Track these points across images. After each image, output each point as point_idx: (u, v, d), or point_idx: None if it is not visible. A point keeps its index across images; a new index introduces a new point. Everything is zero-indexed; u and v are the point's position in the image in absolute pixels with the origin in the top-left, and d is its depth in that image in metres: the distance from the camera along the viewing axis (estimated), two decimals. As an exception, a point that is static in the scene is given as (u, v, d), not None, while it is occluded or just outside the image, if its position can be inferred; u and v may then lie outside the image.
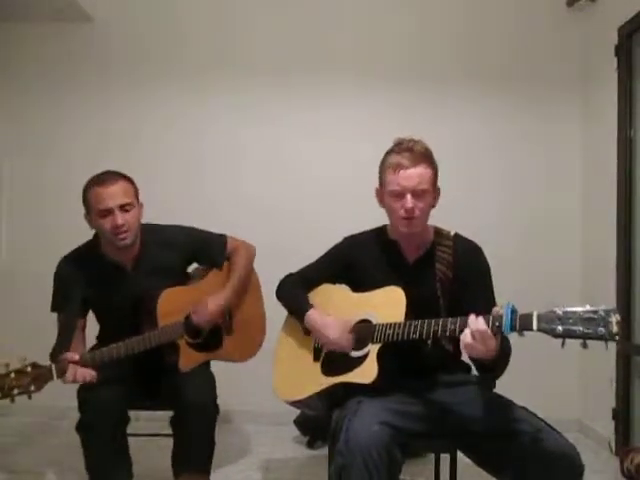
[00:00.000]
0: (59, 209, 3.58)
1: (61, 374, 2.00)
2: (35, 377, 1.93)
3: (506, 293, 2.02)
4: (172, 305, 2.26)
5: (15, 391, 1.90)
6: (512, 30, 3.58)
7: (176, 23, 3.62)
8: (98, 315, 2.37)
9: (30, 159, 3.64)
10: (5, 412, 3.48)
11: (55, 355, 2.11)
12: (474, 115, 3.57)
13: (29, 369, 1.92)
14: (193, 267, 2.54)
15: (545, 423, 1.75)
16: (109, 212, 2.15)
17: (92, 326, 2.38)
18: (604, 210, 3.24)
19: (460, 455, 1.92)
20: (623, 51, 3.11)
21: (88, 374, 2.04)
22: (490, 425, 1.76)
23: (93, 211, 2.17)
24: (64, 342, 2.17)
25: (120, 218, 2.14)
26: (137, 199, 2.26)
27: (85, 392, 2.14)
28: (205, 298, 2.32)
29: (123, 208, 2.16)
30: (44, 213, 3.61)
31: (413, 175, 1.86)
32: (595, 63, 3.42)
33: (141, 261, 2.30)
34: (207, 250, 2.44)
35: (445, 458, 2.03)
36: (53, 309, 2.28)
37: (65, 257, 2.31)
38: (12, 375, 1.90)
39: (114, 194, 2.15)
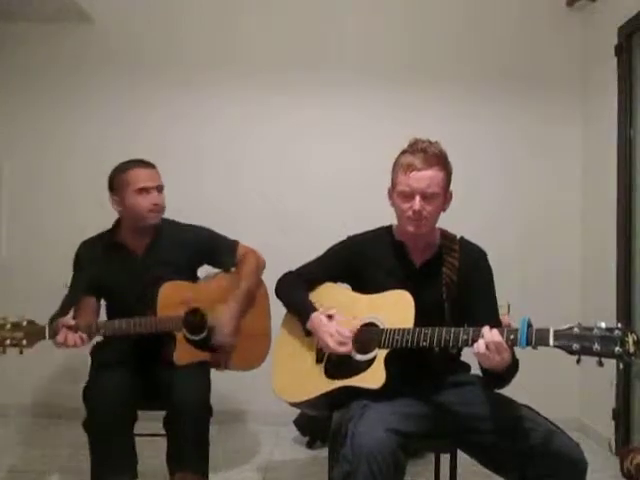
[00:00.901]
0: (59, 209, 3.59)
1: (53, 335, 2.07)
2: (29, 333, 2.03)
3: (506, 294, 2.03)
4: (172, 298, 2.32)
5: (8, 342, 2.00)
6: (512, 30, 3.57)
7: (176, 23, 3.61)
8: (106, 299, 2.42)
9: (30, 159, 3.63)
10: (5, 412, 3.48)
11: (51, 320, 2.18)
12: (474, 115, 3.57)
13: (25, 324, 2.03)
14: (208, 271, 2.58)
15: (549, 421, 1.76)
16: (148, 191, 2.32)
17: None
18: (604, 210, 3.24)
19: (460, 455, 1.92)
20: (623, 51, 3.10)
21: (79, 339, 2.10)
22: (495, 423, 1.77)
23: (130, 189, 2.32)
24: (62, 311, 2.25)
25: (158, 198, 2.36)
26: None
27: (92, 391, 2.18)
28: (220, 319, 2.36)
29: (159, 189, 2.38)
30: (44, 213, 3.61)
31: (424, 177, 1.84)
32: (595, 63, 3.42)
33: (152, 251, 2.41)
34: (217, 252, 2.52)
35: (445, 458, 2.03)
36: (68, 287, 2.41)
37: (84, 241, 2.46)
38: (7, 326, 2.00)
39: (154, 176, 2.38)
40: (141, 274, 2.36)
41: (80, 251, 2.43)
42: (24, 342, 2.01)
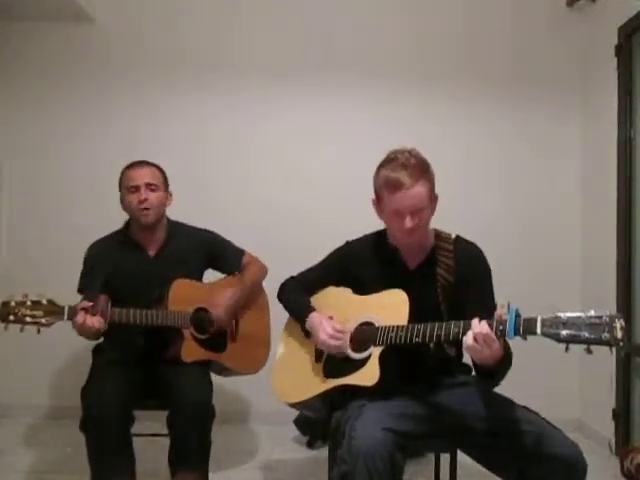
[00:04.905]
0: (59, 209, 3.59)
1: (72, 316, 2.10)
2: (48, 312, 2.04)
3: (506, 293, 2.02)
4: (182, 295, 2.39)
5: (28, 319, 2.01)
6: (512, 30, 3.57)
7: (176, 23, 3.61)
8: (116, 295, 2.37)
9: (30, 159, 3.63)
10: (5, 412, 3.48)
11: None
12: (474, 115, 3.57)
13: (44, 302, 2.04)
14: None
15: (547, 422, 1.75)
16: (137, 189, 2.39)
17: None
18: (604, 210, 3.24)
19: (460, 455, 1.92)
20: (623, 51, 3.11)
21: (97, 321, 2.14)
22: (493, 424, 1.76)
23: (123, 189, 2.42)
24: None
25: (144, 193, 2.38)
26: (165, 187, 2.50)
27: (90, 391, 2.18)
28: (220, 292, 2.45)
29: (149, 187, 2.40)
30: (44, 213, 3.61)
31: (412, 196, 1.81)
32: (595, 63, 3.42)
33: (164, 250, 2.48)
34: (225, 255, 2.61)
35: (445, 458, 2.03)
36: (78, 290, 2.42)
37: (94, 242, 2.50)
38: (28, 303, 2.02)
39: (142, 174, 2.43)
40: (153, 272, 2.42)
41: (91, 252, 2.47)
42: (43, 321, 2.03)
